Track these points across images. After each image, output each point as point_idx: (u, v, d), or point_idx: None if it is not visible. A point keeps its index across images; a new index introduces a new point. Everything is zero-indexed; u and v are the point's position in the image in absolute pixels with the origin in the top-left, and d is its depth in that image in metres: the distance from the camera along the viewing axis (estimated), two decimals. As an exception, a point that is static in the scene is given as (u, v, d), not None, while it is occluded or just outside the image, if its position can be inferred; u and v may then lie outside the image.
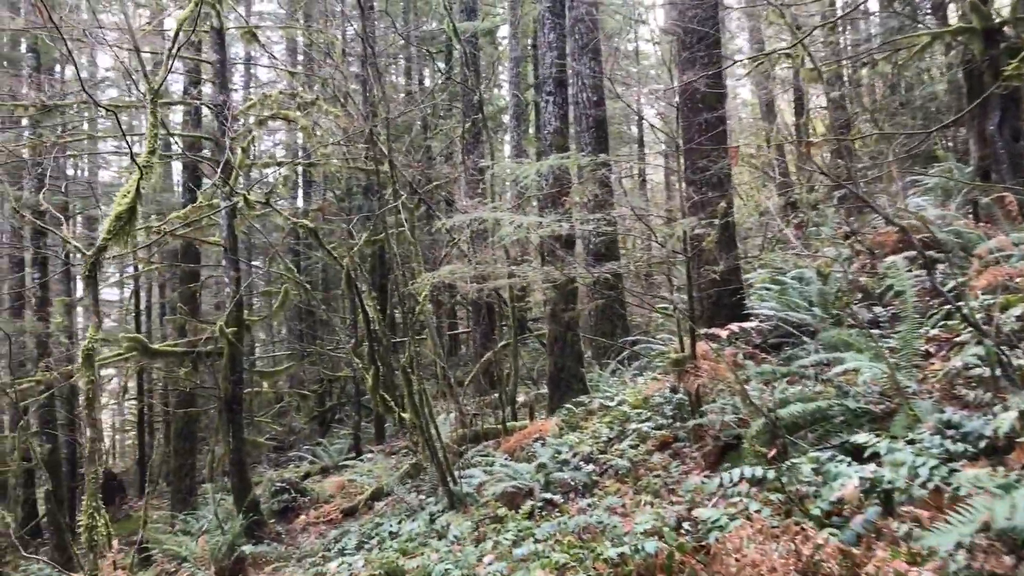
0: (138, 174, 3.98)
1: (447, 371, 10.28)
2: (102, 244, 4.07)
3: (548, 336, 10.10)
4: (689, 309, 6.34)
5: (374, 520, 7.92)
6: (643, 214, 6.01)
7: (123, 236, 4.09)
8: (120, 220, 4.07)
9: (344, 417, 19.86)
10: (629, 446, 7.12)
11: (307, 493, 12.21)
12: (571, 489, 6.58)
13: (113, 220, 4.08)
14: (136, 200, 4.07)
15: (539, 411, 11.65)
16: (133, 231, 4.15)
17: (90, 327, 4.06)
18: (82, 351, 3.95)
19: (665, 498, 5.32)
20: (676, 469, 5.91)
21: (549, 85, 10.08)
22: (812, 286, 9.00)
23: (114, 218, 4.08)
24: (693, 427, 6.37)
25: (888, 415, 4.62)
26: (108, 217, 4.08)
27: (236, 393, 10.45)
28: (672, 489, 5.47)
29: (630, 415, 7.99)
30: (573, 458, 7.22)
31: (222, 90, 10.39)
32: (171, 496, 15.36)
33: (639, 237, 6.48)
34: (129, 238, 4.12)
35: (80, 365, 3.88)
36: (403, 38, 14.56)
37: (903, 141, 13.86)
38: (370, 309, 7.51)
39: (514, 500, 6.50)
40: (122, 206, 4.07)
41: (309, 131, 9.92)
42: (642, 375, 10.84)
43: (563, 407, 9.62)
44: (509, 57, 21.90)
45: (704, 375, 6.22)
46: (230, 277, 10.45)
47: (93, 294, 4.08)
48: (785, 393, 5.62)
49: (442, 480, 7.25)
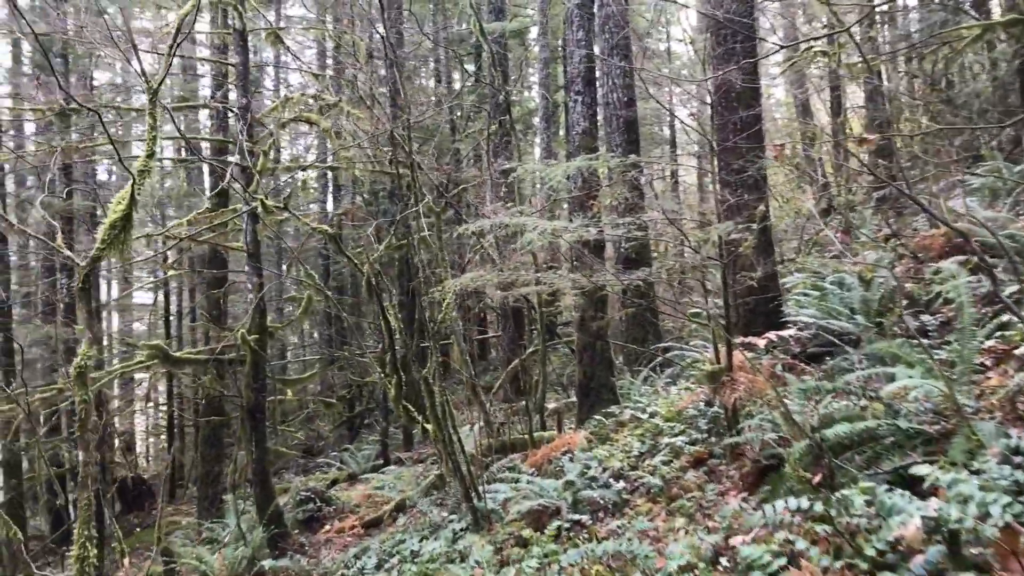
0: (133, 180, 3.74)
1: (474, 379, 10.00)
2: (96, 254, 3.85)
3: (577, 344, 9.78)
4: (725, 318, 5.99)
5: (396, 536, 7.66)
6: (676, 218, 5.67)
7: (118, 245, 3.86)
8: (114, 229, 3.84)
9: (373, 422, 19.70)
10: (661, 462, 6.78)
11: (332, 502, 12.01)
12: (600, 508, 6.26)
13: (107, 229, 3.85)
14: (131, 207, 3.83)
15: (568, 420, 11.34)
16: (129, 240, 3.92)
17: (83, 343, 3.84)
18: (74, 368, 3.73)
19: (700, 523, 4.98)
20: (711, 490, 5.56)
21: (578, 84, 9.77)
22: (854, 292, 8.58)
23: (108, 227, 3.85)
24: (729, 445, 6.01)
25: (944, 437, 4.24)
26: (103, 226, 3.86)
27: (259, 401, 10.27)
28: (708, 513, 5.12)
29: (663, 428, 7.64)
30: (602, 474, 6.89)
31: (244, 93, 10.23)
32: (198, 503, 15.27)
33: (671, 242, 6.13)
34: (125, 247, 3.90)
35: (73, 383, 3.68)
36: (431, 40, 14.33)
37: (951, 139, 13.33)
38: (391, 317, 7.26)
39: (540, 519, 6.19)
40: (116, 214, 3.84)
41: (331, 134, 9.72)
42: (675, 384, 10.47)
43: (592, 418, 9.29)
44: (538, 58, 21.65)
45: (741, 389, 5.86)
46: (253, 283, 10.28)
47: (86, 307, 3.86)
48: (828, 409, 5.25)
49: (465, 496, 6.97)
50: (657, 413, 8.10)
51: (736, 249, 5.86)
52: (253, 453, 10.03)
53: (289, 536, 10.34)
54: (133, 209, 3.86)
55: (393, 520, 10.06)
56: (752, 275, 6.74)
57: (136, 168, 3.88)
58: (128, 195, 3.84)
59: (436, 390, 7.04)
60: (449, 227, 15.91)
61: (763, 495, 4.92)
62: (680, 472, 6.36)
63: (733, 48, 8.83)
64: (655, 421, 7.83)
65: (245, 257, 10.44)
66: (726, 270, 5.89)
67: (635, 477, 6.69)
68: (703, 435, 6.90)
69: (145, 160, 3.93)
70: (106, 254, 3.86)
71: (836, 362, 7.65)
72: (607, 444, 8.02)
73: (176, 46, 4.16)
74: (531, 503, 6.26)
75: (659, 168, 19.15)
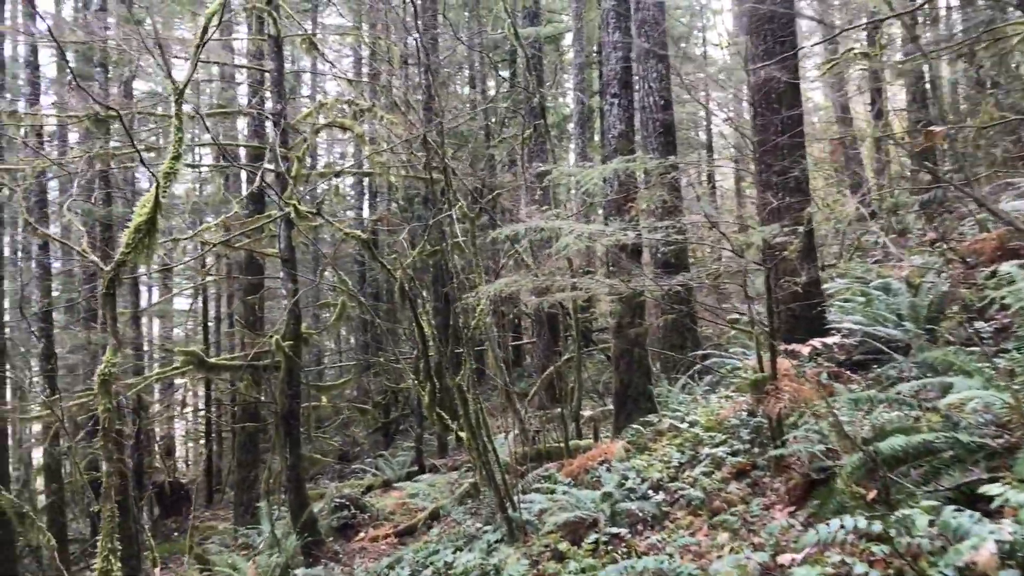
0: (157, 184, 3.66)
1: (508, 385, 9.85)
2: (120, 259, 3.78)
3: (613, 351, 9.58)
4: (769, 324, 5.77)
5: (430, 546, 7.53)
6: (717, 221, 5.47)
7: (143, 250, 3.78)
8: (139, 232, 3.76)
9: (408, 428, 19.65)
10: (702, 473, 6.57)
11: (367, 509, 11.94)
12: (639, 521, 6.06)
13: (132, 233, 3.78)
14: (155, 211, 3.75)
15: (604, 429, 11.13)
16: (154, 244, 3.84)
17: (107, 350, 3.77)
18: (97, 376, 3.65)
19: (745, 538, 4.76)
20: (756, 503, 5.33)
21: (614, 87, 9.59)
22: (901, 298, 8.28)
23: (133, 231, 3.78)
24: (774, 456, 5.78)
25: (1009, 451, 3.99)
26: (127, 230, 3.79)
27: (293, 407, 10.23)
28: (753, 528, 4.90)
29: (703, 438, 7.41)
30: (640, 485, 6.69)
31: (279, 99, 10.23)
32: (234, 508, 15.32)
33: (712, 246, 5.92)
34: (150, 251, 3.82)
35: (97, 391, 3.60)
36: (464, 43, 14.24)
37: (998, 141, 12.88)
38: (425, 324, 7.15)
39: (577, 532, 6.01)
40: (141, 217, 3.76)
41: (364, 139, 9.66)
42: (714, 392, 10.22)
43: (630, 427, 9.08)
44: (573, 63, 21.50)
45: (786, 398, 5.63)
46: (287, 289, 10.26)
47: (111, 313, 3.78)
48: (880, 420, 5.01)
49: (500, 507, 6.82)
50: (697, 422, 7.88)
51: (780, 253, 5.64)
52: (287, 459, 9.99)
53: (323, 544, 10.27)
54: (158, 213, 3.78)
55: (427, 529, 9.94)
56: (796, 280, 6.51)
57: (162, 171, 3.80)
58: (152, 198, 3.76)
59: (470, 397, 6.91)
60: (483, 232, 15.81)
61: (811, 510, 4.70)
62: (722, 484, 6.14)
63: (773, 48, 8.60)
64: (695, 431, 7.61)
65: (280, 263, 10.42)
66: (769, 275, 5.67)
67: (675, 489, 6.48)
68: (745, 446, 6.67)
69: (171, 163, 3.85)
70: (131, 259, 3.79)
71: (884, 370, 7.38)
72: (645, 454, 7.82)
73: (203, 45, 4.09)
74: (568, 515, 6.09)
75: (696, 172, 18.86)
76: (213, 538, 14.66)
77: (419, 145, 8.14)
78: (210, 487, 21.92)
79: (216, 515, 19.03)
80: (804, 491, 4.97)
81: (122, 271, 3.79)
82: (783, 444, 5.85)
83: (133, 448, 16.91)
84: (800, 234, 5.57)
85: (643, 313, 9.49)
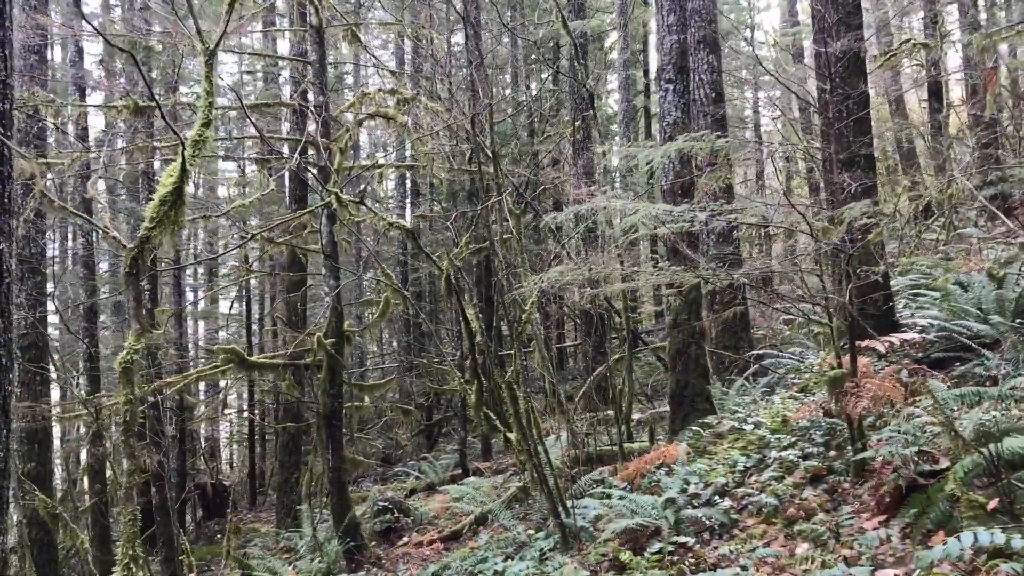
0: (183, 150, 3.32)
1: (556, 385, 9.43)
2: (144, 234, 3.45)
3: (669, 349, 9.10)
4: (849, 316, 5.27)
5: (478, 553, 7.13)
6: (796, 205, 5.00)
7: (169, 224, 3.45)
8: (164, 205, 3.43)
9: (451, 431, 19.31)
10: (772, 478, 6.08)
11: (410, 513, 11.59)
12: (705, 529, 5.60)
13: (156, 206, 3.44)
14: (182, 180, 3.41)
15: (659, 431, 10.65)
16: (181, 217, 3.50)
17: (130, 335, 3.45)
18: (119, 363, 3.34)
19: (832, 550, 4.28)
20: (841, 512, 4.83)
21: (669, 72, 9.12)
22: (984, 291, 7.67)
23: (158, 203, 3.44)
24: (855, 460, 5.28)
25: None
26: (151, 203, 3.45)
27: (335, 408, 9.92)
28: (841, 539, 4.41)
29: (769, 440, 6.92)
30: (704, 490, 6.22)
31: (321, 91, 9.96)
32: (276, 511, 15.12)
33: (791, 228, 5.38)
34: (177, 225, 3.48)
35: (119, 380, 3.29)
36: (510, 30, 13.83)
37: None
38: (472, 317, 6.77)
39: (638, 540, 5.57)
40: (166, 188, 3.42)
41: (409, 129, 9.33)
42: (773, 393, 9.70)
43: (687, 429, 8.60)
44: (618, 61, 21.02)
45: (868, 396, 5.12)
46: (330, 286, 9.98)
47: (135, 294, 3.46)
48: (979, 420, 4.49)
49: (553, 512, 6.40)
50: (762, 424, 7.38)
51: (864, 237, 5.14)
52: (329, 461, 9.69)
53: (365, 548, 9.94)
54: (184, 182, 3.45)
55: (473, 534, 9.56)
56: (875, 269, 6.00)
57: (190, 139, 3.47)
58: (179, 168, 3.42)
59: (520, 396, 6.51)
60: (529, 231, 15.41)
61: (906, 520, 4.20)
62: (795, 490, 5.65)
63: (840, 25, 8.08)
64: (761, 432, 7.12)
65: (322, 259, 10.15)
66: (850, 261, 5.17)
67: (742, 495, 6.00)
68: (818, 449, 6.17)
69: (200, 130, 3.52)
70: (157, 234, 3.47)
71: (967, 368, 6.81)
72: (705, 457, 7.34)
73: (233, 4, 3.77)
74: (627, 521, 5.64)
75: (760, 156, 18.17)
76: (255, 540, 14.48)
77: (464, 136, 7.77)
78: (253, 489, 21.85)
79: (259, 517, 18.91)
80: (895, 499, 4.46)
81: (147, 248, 3.47)
82: (864, 447, 5.35)
83: (177, 449, 16.87)
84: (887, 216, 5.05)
85: (699, 310, 8.99)
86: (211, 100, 3.50)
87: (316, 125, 9.53)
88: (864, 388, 5.25)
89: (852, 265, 5.21)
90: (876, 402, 5.21)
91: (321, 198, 8.68)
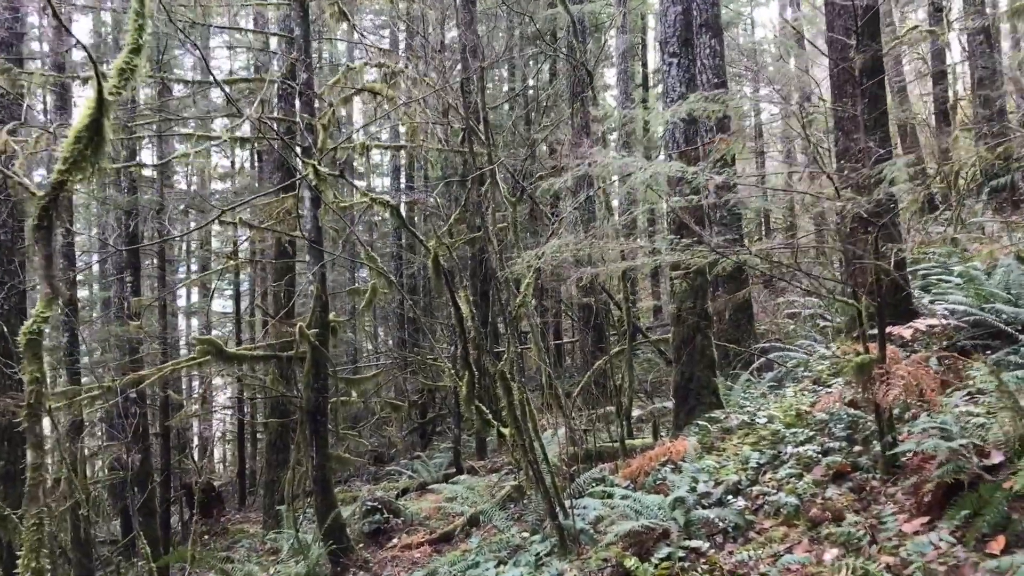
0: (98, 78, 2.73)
1: (553, 378, 8.91)
2: (58, 179, 2.89)
3: (673, 339, 8.58)
4: (878, 295, 4.74)
5: (469, 557, 6.60)
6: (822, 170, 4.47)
7: (87, 165, 2.88)
8: (79, 143, 2.86)
9: (445, 429, 18.78)
10: (789, 476, 5.56)
11: (401, 514, 11.05)
12: (718, 531, 5.07)
13: (71, 144, 2.85)
14: (100, 112, 2.84)
15: (661, 428, 10.14)
16: (101, 157, 2.93)
17: (39, 301, 2.90)
18: (23, 334, 2.80)
19: (870, 556, 3.75)
20: (874, 513, 4.30)
21: (673, 45, 8.59)
22: (1014, 275, 7.16)
23: (72, 140, 2.85)
24: (886, 455, 4.76)
25: None
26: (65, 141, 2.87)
27: (320, 402, 9.39)
28: (879, 543, 3.88)
29: (784, 435, 6.39)
30: (715, 489, 5.70)
31: (306, 68, 9.43)
32: (264, 511, 14.59)
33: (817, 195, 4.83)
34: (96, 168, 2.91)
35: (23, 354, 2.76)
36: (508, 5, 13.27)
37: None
38: (463, 303, 6.23)
39: (643, 544, 5.04)
40: (82, 122, 2.85)
41: (396, 102, 8.79)
42: (780, 387, 9.19)
43: (692, 424, 8.08)
44: (616, 49, 20.43)
45: (900, 384, 4.60)
46: (314, 274, 9.44)
47: (44, 251, 2.91)
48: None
49: (550, 512, 5.87)
50: (775, 418, 6.85)
51: (895, 208, 4.61)
52: (313, 459, 9.15)
53: (352, 551, 9.40)
54: (104, 115, 2.88)
55: (465, 535, 9.03)
56: (902, 247, 5.49)
57: (115, 66, 2.91)
58: (95, 99, 2.84)
59: (515, 387, 5.97)
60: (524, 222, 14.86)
61: (955, 523, 3.68)
62: (817, 488, 5.12)
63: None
64: (774, 427, 6.59)
65: (307, 246, 9.62)
66: (878, 235, 4.64)
67: (757, 494, 5.48)
68: (840, 443, 5.64)
69: (128, 56, 2.96)
70: (71, 178, 2.91)
71: (1000, 356, 6.30)
72: (714, 453, 6.82)
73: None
74: (631, 523, 5.11)
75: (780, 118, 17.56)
76: (243, 542, 13.97)
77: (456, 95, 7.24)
78: (243, 488, 21.32)
79: (247, 517, 18.38)
80: (938, 498, 3.94)
81: (62, 196, 2.91)
82: (895, 440, 4.83)
83: (161, 446, 16.32)
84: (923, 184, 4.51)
85: (705, 297, 8.47)
86: (140, 23, 2.95)
87: (301, 103, 9.00)
88: (895, 375, 4.73)
89: (881, 238, 4.68)
90: (909, 391, 4.69)
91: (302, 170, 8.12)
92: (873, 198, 3.91)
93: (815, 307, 13.57)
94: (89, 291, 23.41)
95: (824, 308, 13.53)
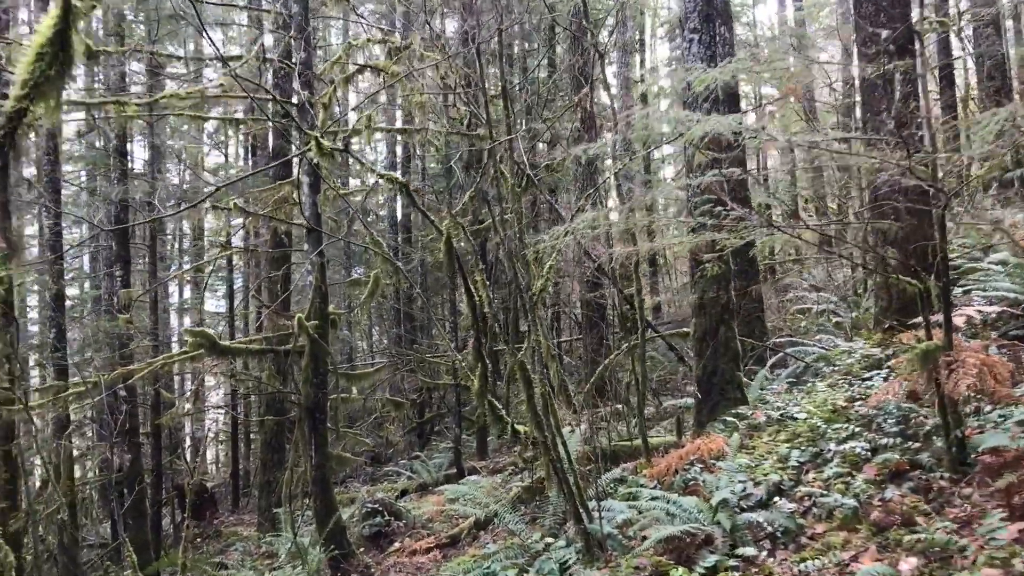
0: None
1: (563, 375, 8.42)
2: (16, 107, 2.39)
3: (695, 331, 8.10)
4: (944, 274, 4.27)
5: (482, 564, 6.09)
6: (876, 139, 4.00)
7: (50, 93, 2.37)
8: (42, 61, 2.34)
9: (444, 429, 18.28)
10: (835, 475, 5.08)
11: (402, 516, 10.54)
12: (765, 536, 4.58)
13: (30, 63, 2.33)
14: (67, 22, 2.32)
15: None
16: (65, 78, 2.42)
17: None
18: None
19: (964, 568, 3.27)
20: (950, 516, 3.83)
21: (693, 20, 8.15)
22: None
23: (32, 59, 2.34)
24: (952, 451, 4.29)
25: None
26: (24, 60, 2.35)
27: (319, 399, 8.87)
28: (968, 551, 3.40)
29: (824, 431, 5.92)
30: (755, 489, 5.22)
31: (305, 47, 8.93)
32: (259, 514, 14.06)
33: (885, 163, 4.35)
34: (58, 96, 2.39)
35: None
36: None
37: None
38: (478, 286, 5.74)
39: (683, 552, 4.55)
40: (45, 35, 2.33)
41: (403, 80, 8.28)
42: (799, 383, 8.75)
43: (717, 420, 7.61)
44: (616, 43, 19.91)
45: (973, 373, 4.13)
46: (313, 263, 8.94)
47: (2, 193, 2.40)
48: None
49: (574, 515, 5.37)
50: (813, 413, 6.38)
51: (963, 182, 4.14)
52: (312, 458, 8.64)
53: (353, 556, 8.89)
54: (71, 26, 2.35)
55: (473, 539, 8.54)
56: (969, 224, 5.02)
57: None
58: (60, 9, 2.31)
59: (536, 379, 5.48)
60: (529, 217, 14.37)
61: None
62: (874, 488, 4.64)
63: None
64: (813, 422, 6.12)
65: (305, 234, 9.11)
66: (946, 206, 4.16)
67: (803, 495, 5.00)
68: (893, 439, 5.16)
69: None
70: (32, 107, 2.39)
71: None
72: (744, 452, 6.35)
73: None
74: (669, 528, 4.62)
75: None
76: (236, 545, 13.44)
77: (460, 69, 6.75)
78: (236, 490, 20.75)
79: (241, 520, 17.83)
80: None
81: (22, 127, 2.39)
82: (964, 435, 4.35)
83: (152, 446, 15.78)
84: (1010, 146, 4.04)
85: (728, 286, 7.99)
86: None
87: (300, 83, 8.49)
88: (966, 364, 4.26)
89: (949, 209, 4.21)
90: (983, 379, 4.22)
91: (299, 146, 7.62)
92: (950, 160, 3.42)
93: (826, 303, 13.15)
94: (80, 290, 22.82)
95: (837, 303, 13.13)
